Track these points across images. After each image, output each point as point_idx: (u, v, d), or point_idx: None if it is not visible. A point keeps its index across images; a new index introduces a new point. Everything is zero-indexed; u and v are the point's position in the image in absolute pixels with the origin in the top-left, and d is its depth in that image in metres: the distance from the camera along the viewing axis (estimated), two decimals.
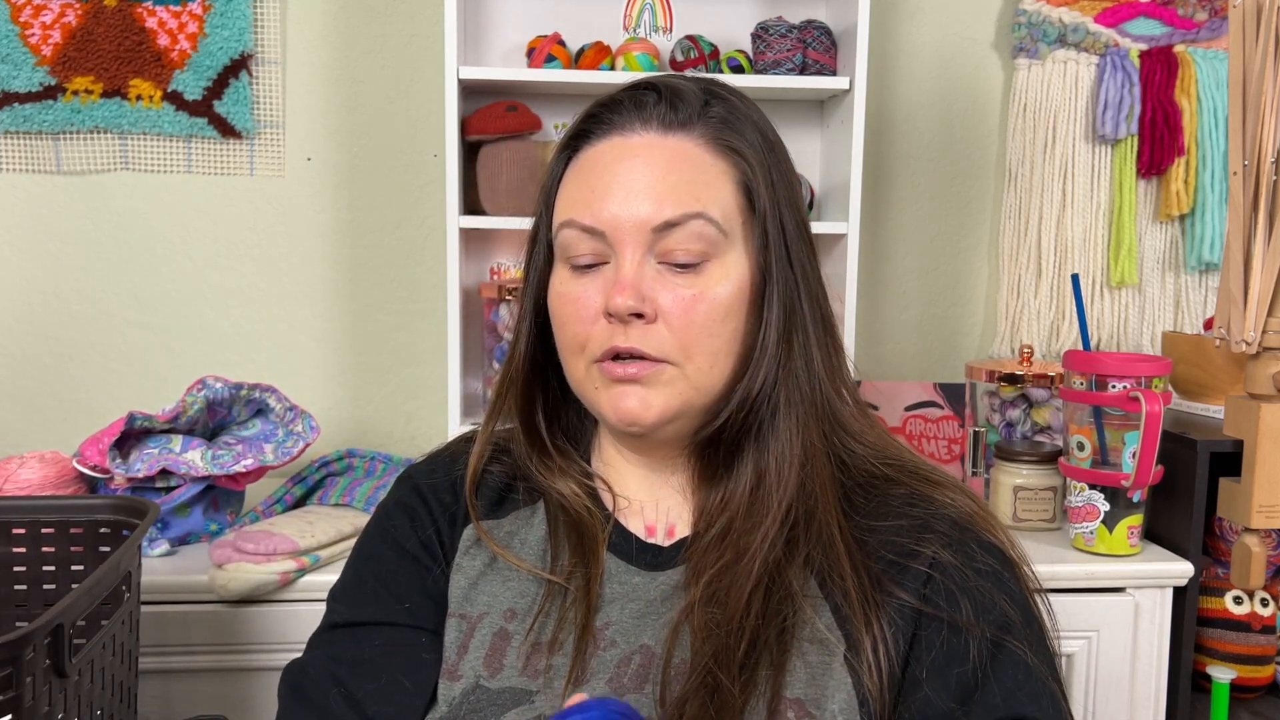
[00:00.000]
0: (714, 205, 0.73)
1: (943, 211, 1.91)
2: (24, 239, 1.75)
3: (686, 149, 0.74)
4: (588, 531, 0.78)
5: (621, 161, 0.74)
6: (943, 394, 1.83)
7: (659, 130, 0.75)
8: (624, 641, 0.74)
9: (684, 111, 0.75)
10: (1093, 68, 1.82)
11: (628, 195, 0.73)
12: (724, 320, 0.73)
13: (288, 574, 1.28)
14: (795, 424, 0.75)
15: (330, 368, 1.83)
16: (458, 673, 0.75)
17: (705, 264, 0.73)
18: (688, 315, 0.72)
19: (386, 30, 1.78)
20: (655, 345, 0.73)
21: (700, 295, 0.73)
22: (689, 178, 0.73)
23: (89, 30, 1.69)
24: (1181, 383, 1.60)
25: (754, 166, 0.75)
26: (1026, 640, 0.72)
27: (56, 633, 0.80)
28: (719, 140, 0.75)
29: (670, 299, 0.73)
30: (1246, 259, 1.21)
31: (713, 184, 0.74)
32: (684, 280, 0.73)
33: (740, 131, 0.75)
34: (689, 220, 0.72)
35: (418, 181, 1.81)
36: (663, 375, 0.73)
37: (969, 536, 0.75)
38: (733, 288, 0.74)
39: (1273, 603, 1.44)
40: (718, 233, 0.73)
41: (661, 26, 1.77)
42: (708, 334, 0.73)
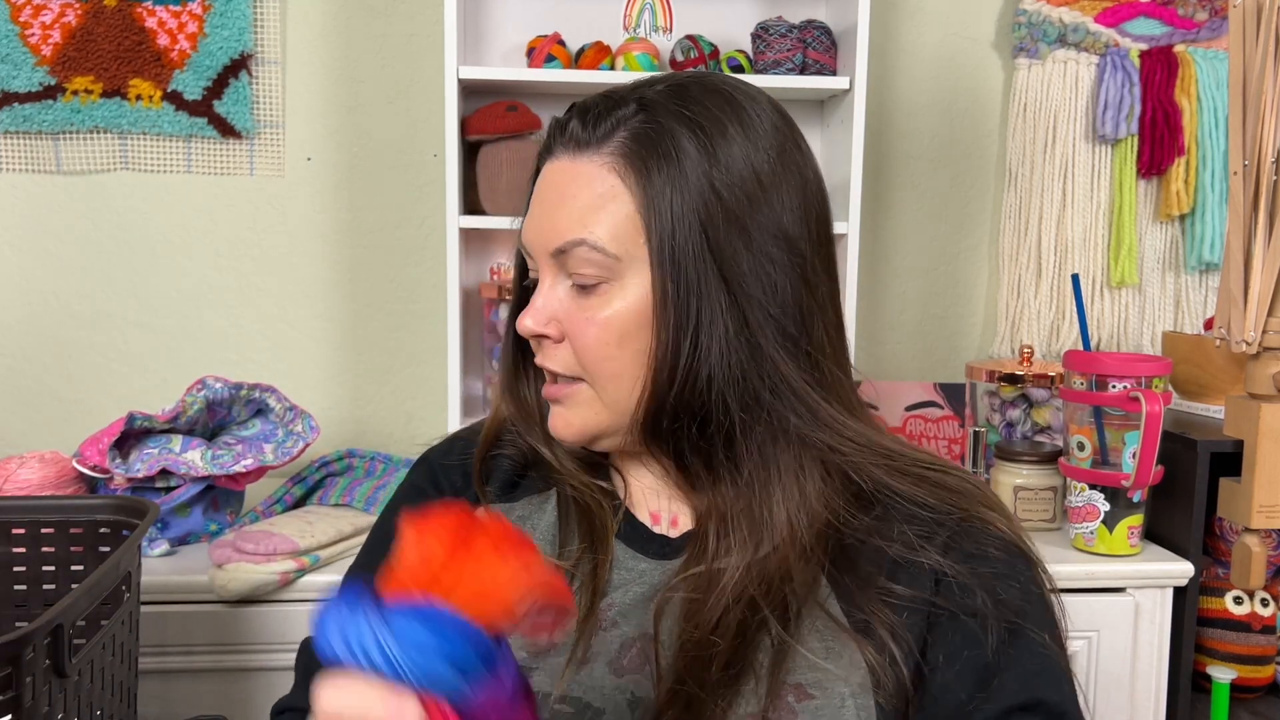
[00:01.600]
0: (601, 229, 0.72)
1: (943, 211, 1.91)
2: (24, 239, 1.75)
3: (588, 170, 0.74)
4: (598, 519, 0.80)
5: (541, 188, 0.77)
6: (943, 394, 1.83)
7: (571, 153, 0.75)
8: (625, 623, 0.75)
9: (597, 130, 0.74)
10: (1093, 68, 1.82)
11: (535, 220, 0.77)
12: (619, 343, 0.73)
13: (288, 574, 1.28)
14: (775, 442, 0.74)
15: (330, 368, 1.83)
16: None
17: (601, 285, 0.73)
18: (582, 337, 0.74)
19: (386, 30, 1.78)
20: (561, 363, 0.76)
21: (592, 318, 0.74)
22: (582, 202, 0.73)
23: (89, 30, 1.69)
24: (1181, 383, 1.60)
25: (659, 184, 0.71)
26: (1043, 628, 0.72)
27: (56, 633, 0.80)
28: (626, 157, 0.73)
29: (571, 320, 0.75)
30: (1246, 259, 1.21)
31: (605, 206, 0.73)
32: (584, 302, 0.74)
33: (657, 145, 0.72)
34: (574, 246, 0.73)
35: (418, 181, 1.81)
36: (579, 394, 0.76)
37: (980, 532, 0.75)
38: (627, 309, 0.73)
39: (1273, 603, 1.44)
40: (605, 257, 0.72)
41: (661, 26, 1.77)
42: (603, 356, 0.74)
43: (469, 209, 1.69)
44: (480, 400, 1.74)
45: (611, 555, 0.78)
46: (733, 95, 0.76)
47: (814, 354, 0.75)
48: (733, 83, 0.78)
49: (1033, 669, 0.70)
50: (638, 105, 0.74)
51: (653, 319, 0.73)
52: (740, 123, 0.74)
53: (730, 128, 0.74)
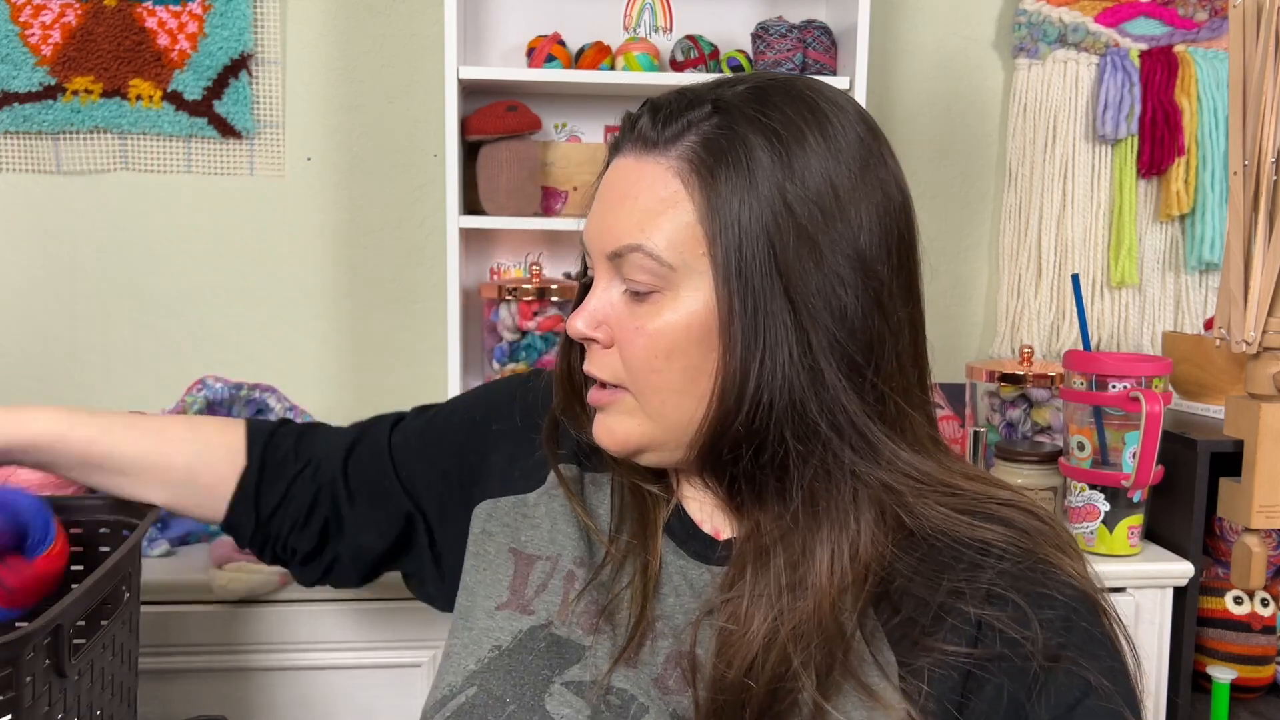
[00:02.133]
0: (658, 235, 0.69)
1: (943, 211, 1.91)
2: (24, 239, 1.75)
3: (654, 172, 0.70)
4: (650, 512, 0.79)
5: (605, 187, 0.74)
6: (943, 394, 1.83)
7: (637, 152, 0.72)
8: (673, 636, 0.73)
9: (667, 130, 0.71)
10: (1093, 68, 1.82)
11: (595, 219, 0.74)
12: (667, 356, 0.70)
13: (287, 574, 1.28)
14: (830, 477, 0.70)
15: (330, 368, 1.83)
16: (530, 608, 0.77)
17: (654, 294, 0.70)
18: (630, 346, 0.71)
19: (386, 30, 1.78)
20: (608, 371, 0.73)
21: (641, 327, 0.71)
22: (642, 205, 0.70)
23: (89, 30, 1.69)
24: (1182, 383, 1.60)
25: (721, 198, 0.68)
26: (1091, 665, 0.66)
27: (56, 633, 0.80)
28: (694, 162, 0.69)
29: (624, 326, 0.72)
30: (1246, 259, 1.21)
31: (665, 212, 0.69)
32: (636, 310, 0.71)
33: (728, 152, 0.68)
34: (629, 252, 0.70)
35: (418, 181, 1.81)
36: (623, 403, 0.74)
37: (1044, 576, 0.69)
38: (679, 322, 0.69)
39: (1273, 603, 1.44)
40: (660, 265, 0.69)
41: (661, 26, 1.77)
42: (649, 368, 0.71)
43: (469, 209, 1.69)
44: None
45: (659, 554, 0.77)
46: (816, 103, 0.72)
47: (880, 385, 0.70)
48: (818, 88, 0.73)
49: (1068, 702, 0.65)
50: (713, 107, 0.70)
51: (718, 337, 0.69)
52: (822, 133, 0.70)
53: (810, 137, 0.69)
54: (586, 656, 0.72)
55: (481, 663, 0.74)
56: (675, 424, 0.72)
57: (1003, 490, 0.74)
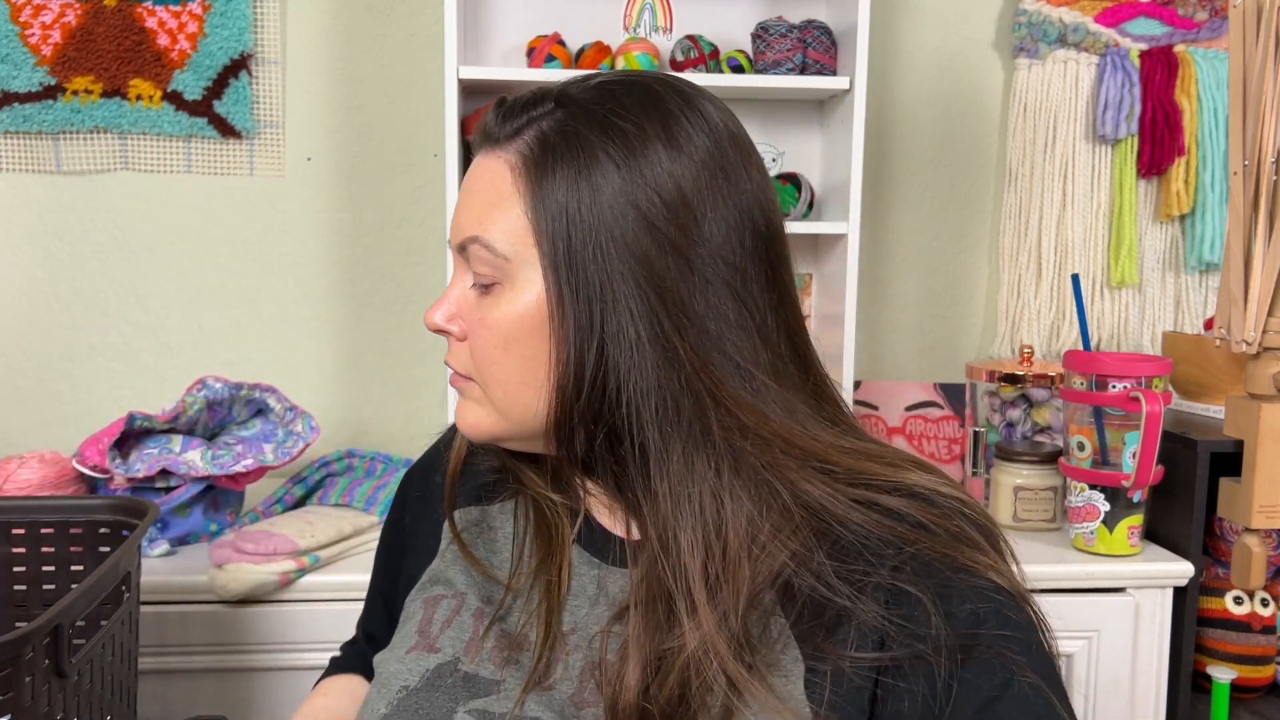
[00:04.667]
0: (495, 228, 0.70)
1: (943, 211, 1.91)
2: (24, 239, 1.75)
3: (496, 167, 0.72)
4: (556, 531, 0.78)
5: (464, 182, 0.76)
6: (943, 394, 1.83)
7: (489, 148, 0.74)
8: (589, 649, 0.72)
9: (510, 125, 0.73)
10: (1093, 68, 1.82)
11: (455, 214, 0.75)
12: (505, 347, 0.71)
13: (287, 574, 1.28)
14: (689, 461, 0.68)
15: (330, 368, 1.83)
16: (436, 646, 0.76)
17: (495, 286, 0.72)
18: (475, 338, 0.73)
19: (386, 30, 1.78)
20: (459, 362, 0.75)
21: (482, 320, 0.72)
22: (484, 199, 0.72)
23: (89, 30, 1.69)
24: (1181, 383, 1.60)
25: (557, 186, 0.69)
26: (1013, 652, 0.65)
27: (56, 633, 0.80)
28: (529, 156, 0.70)
29: (470, 319, 0.74)
30: (1246, 259, 1.21)
31: (502, 204, 0.70)
32: (482, 302, 0.73)
33: (562, 143, 0.70)
34: (470, 244, 0.72)
35: (418, 181, 1.81)
36: (472, 391, 0.75)
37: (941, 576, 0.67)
38: (515, 314, 0.70)
39: (1273, 603, 1.44)
40: (495, 257, 0.70)
41: (661, 26, 1.77)
42: (490, 360, 0.72)
43: None
44: None
45: (566, 568, 0.76)
46: (663, 101, 0.72)
47: (744, 365, 0.69)
48: (671, 84, 0.74)
49: (991, 693, 0.64)
50: (556, 103, 0.72)
51: (548, 326, 0.70)
52: (666, 130, 0.70)
53: (653, 137, 0.70)
54: (497, 690, 0.72)
55: (391, 705, 0.73)
56: (520, 415, 0.73)
57: (912, 474, 0.71)
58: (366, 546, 1.40)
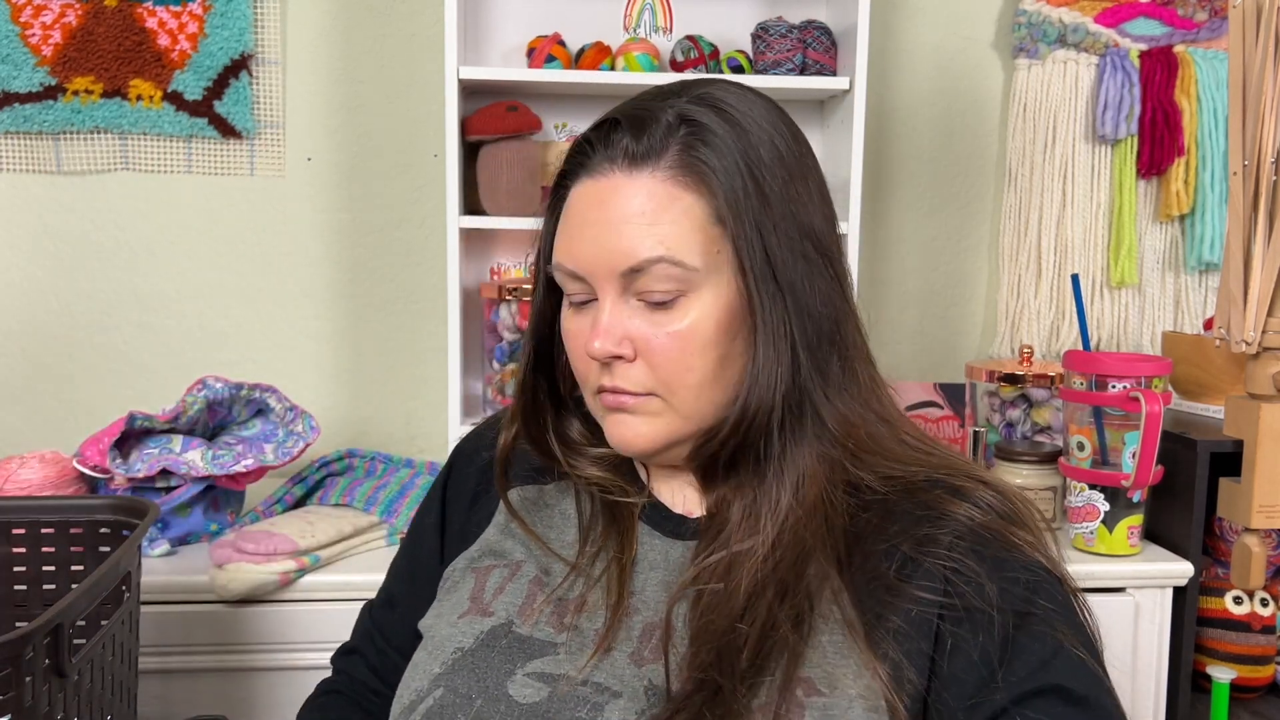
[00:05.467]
0: (679, 244, 0.72)
1: (943, 211, 1.91)
2: (24, 239, 1.75)
3: (651, 186, 0.73)
4: (624, 513, 0.81)
5: (591, 208, 0.75)
6: (943, 394, 1.83)
7: (625, 168, 0.74)
8: (646, 610, 0.76)
9: (648, 142, 0.74)
10: (1093, 68, 1.82)
11: (596, 241, 0.74)
12: (701, 353, 0.74)
13: (288, 574, 1.28)
14: (798, 445, 0.75)
15: (330, 368, 1.83)
16: (490, 609, 0.79)
17: (679, 299, 0.73)
18: (664, 353, 0.74)
19: (386, 30, 1.78)
20: (636, 381, 0.75)
21: (674, 333, 0.73)
22: (653, 219, 0.73)
23: (89, 30, 1.69)
24: (1181, 383, 1.60)
25: (723, 193, 0.72)
26: (1060, 620, 0.70)
27: (56, 633, 0.80)
28: (686, 169, 0.73)
29: (647, 336, 0.74)
30: (1246, 259, 1.21)
31: (679, 220, 0.73)
32: (659, 318, 0.74)
33: (710, 156, 0.73)
34: (653, 265, 0.72)
35: (418, 181, 1.81)
36: (650, 405, 0.76)
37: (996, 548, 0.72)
38: (710, 319, 0.73)
39: (1273, 603, 1.44)
40: (685, 271, 0.72)
41: (661, 26, 1.77)
42: (684, 368, 0.74)
43: (469, 209, 1.69)
44: (480, 400, 1.74)
45: (635, 549, 0.80)
46: (752, 94, 0.78)
47: (848, 354, 0.77)
48: (741, 85, 0.79)
49: (1044, 655, 0.68)
50: (678, 116, 0.74)
51: (736, 324, 0.74)
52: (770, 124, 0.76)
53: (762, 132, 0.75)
54: (554, 651, 0.75)
55: (446, 665, 0.77)
56: (703, 414, 0.76)
57: (967, 465, 0.78)
58: (367, 546, 1.40)
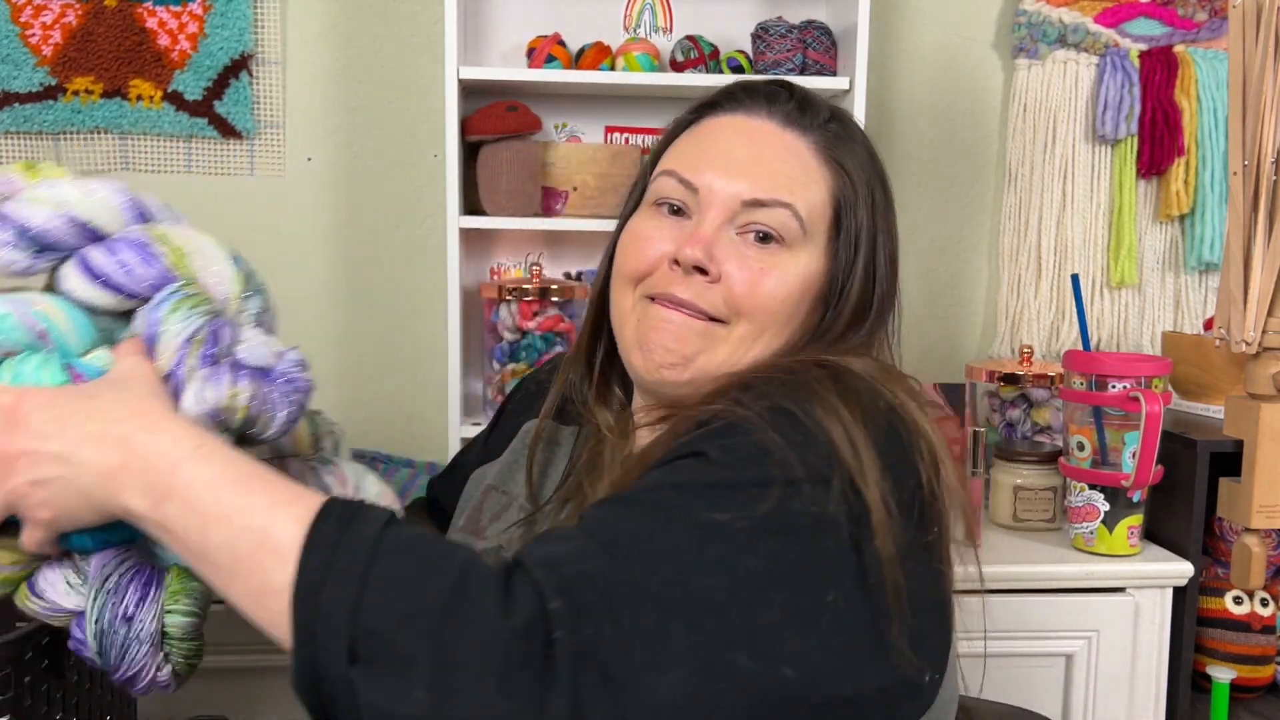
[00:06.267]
0: (804, 202, 0.78)
1: (943, 212, 1.90)
2: None
3: (798, 147, 0.80)
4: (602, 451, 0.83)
5: (738, 135, 0.80)
6: (943, 394, 1.83)
7: (780, 122, 0.80)
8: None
9: (808, 116, 0.81)
10: (1093, 68, 1.82)
11: (730, 164, 0.78)
12: (783, 302, 0.77)
13: None
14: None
15: (330, 368, 1.83)
16: (485, 534, 0.88)
17: (779, 246, 0.77)
18: (752, 284, 0.76)
19: (386, 30, 1.78)
20: (710, 303, 0.77)
21: (768, 270, 0.77)
22: (790, 170, 0.78)
23: (89, 30, 1.69)
24: (1181, 383, 1.60)
25: (854, 185, 0.80)
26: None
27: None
28: (830, 151, 0.80)
29: (738, 266, 0.77)
30: (1246, 259, 1.21)
31: (810, 185, 0.79)
32: (756, 253, 0.77)
33: (851, 152, 0.81)
34: (777, 206, 0.77)
35: (418, 181, 1.81)
36: (707, 330, 0.77)
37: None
38: (798, 279, 0.78)
39: (1273, 603, 1.44)
40: (799, 227, 0.77)
41: (661, 26, 1.77)
42: (766, 308, 0.77)
43: (469, 209, 1.69)
44: (480, 400, 1.74)
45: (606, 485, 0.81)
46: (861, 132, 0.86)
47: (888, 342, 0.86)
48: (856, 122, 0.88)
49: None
50: (830, 110, 0.83)
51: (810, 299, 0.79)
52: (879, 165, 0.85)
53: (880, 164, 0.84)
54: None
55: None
56: (737, 362, 0.77)
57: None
58: None
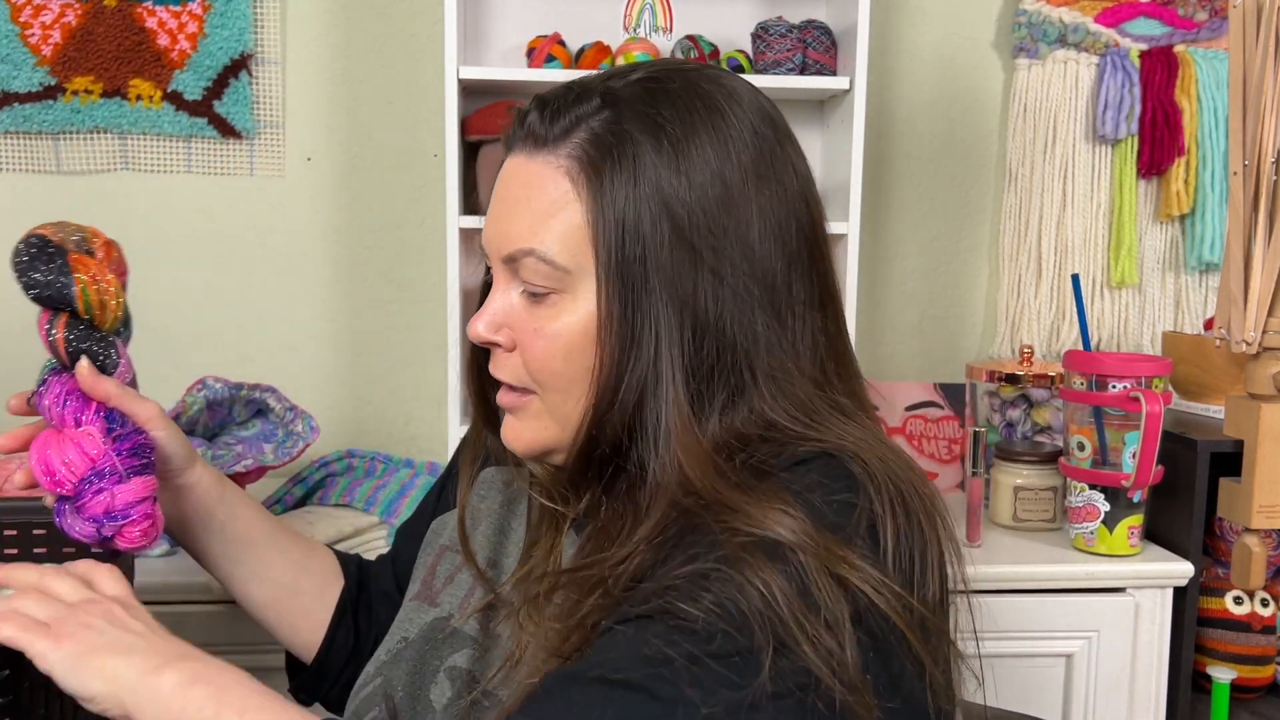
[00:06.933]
0: (551, 239, 0.68)
1: (943, 211, 1.90)
2: None
3: (544, 174, 0.69)
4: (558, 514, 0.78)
5: (499, 187, 0.73)
6: (943, 394, 1.83)
7: (528, 151, 0.71)
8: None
9: (555, 126, 0.69)
10: (1093, 68, 1.82)
11: (491, 224, 0.73)
12: (566, 356, 0.69)
13: None
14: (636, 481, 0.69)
15: (330, 368, 1.83)
16: (437, 600, 0.80)
17: (552, 295, 0.69)
18: (530, 348, 0.71)
19: (386, 30, 1.78)
20: (511, 373, 0.73)
21: (540, 330, 0.70)
22: (535, 208, 0.69)
23: (89, 30, 1.69)
24: (1181, 383, 1.60)
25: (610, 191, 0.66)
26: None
27: None
28: (584, 160, 0.68)
29: (519, 329, 0.71)
30: (1246, 259, 1.21)
31: (558, 214, 0.68)
32: (536, 311, 0.71)
33: (616, 148, 0.67)
34: (523, 256, 0.69)
35: (418, 181, 1.81)
36: (530, 406, 0.73)
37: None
38: (576, 322, 0.69)
39: (1273, 603, 1.44)
40: (553, 269, 0.68)
41: (661, 26, 1.77)
42: (550, 370, 0.70)
43: (469, 209, 1.68)
44: None
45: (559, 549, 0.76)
46: (712, 95, 0.70)
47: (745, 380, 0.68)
48: (715, 79, 0.72)
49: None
50: (602, 101, 0.69)
51: (596, 336, 0.68)
52: (713, 127, 0.68)
53: (701, 133, 0.68)
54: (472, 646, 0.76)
55: (390, 653, 0.80)
56: (574, 419, 0.71)
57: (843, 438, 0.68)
58: (367, 546, 1.40)
